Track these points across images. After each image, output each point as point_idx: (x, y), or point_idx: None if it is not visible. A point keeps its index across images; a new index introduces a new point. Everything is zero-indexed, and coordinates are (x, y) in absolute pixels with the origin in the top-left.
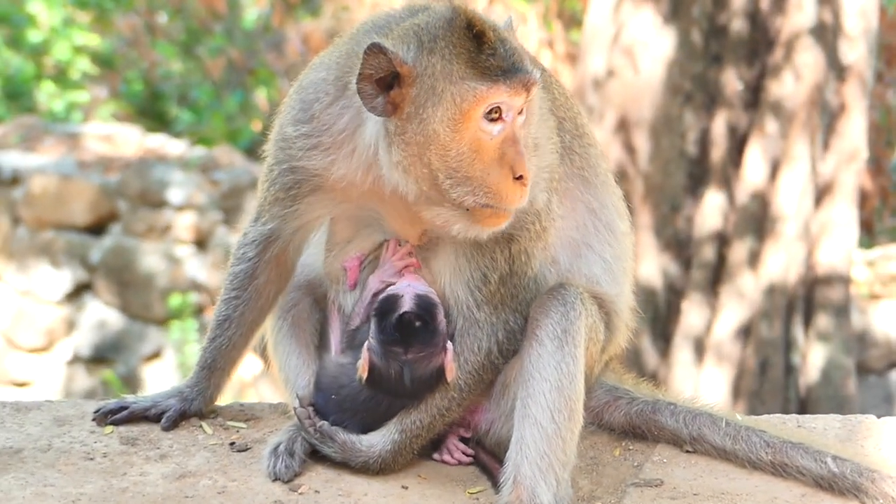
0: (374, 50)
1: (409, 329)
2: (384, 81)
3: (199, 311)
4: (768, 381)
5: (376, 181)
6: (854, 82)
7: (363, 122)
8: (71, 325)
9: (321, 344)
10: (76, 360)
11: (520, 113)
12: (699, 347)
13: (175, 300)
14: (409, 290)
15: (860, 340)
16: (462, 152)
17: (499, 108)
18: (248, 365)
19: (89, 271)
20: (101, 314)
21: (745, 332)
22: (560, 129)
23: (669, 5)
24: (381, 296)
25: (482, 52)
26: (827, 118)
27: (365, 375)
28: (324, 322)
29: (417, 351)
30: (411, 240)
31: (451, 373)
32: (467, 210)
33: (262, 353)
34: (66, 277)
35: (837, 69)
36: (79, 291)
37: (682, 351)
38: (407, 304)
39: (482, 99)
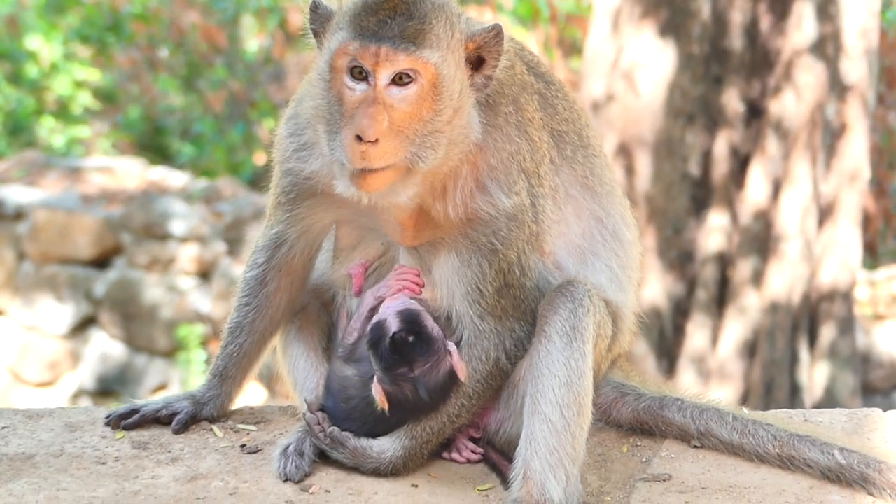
0: (312, 6)
1: (404, 347)
2: None
3: (203, 342)
4: (774, 400)
5: None
6: (855, 102)
7: None
8: (76, 359)
9: (329, 347)
10: (81, 393)
11: (403, 84)
12: (704, 367)
13: (183, 331)
14: (389, 310)
15: (864, 361)
16: (331, 103)
17: (361, 67)
18: (253, 394)
19: (94, 305)
20: (105, 347)
21: (750, 351)
22: (560, 141)
23: (669, 27)
24: (369, 327)
25: (367, 8)
26: (829, 138)
27: (387, 407)
28: (332, 326)
29: (422, 364)
30: (404, 243)
31: (463, 371)
32: (341, 167)
33: (268, 381)
34: (70, 311)
35: (838, 89)
36: (83, 325)
37: (686, 371)
38: (394, 325)
39: (337, 49)
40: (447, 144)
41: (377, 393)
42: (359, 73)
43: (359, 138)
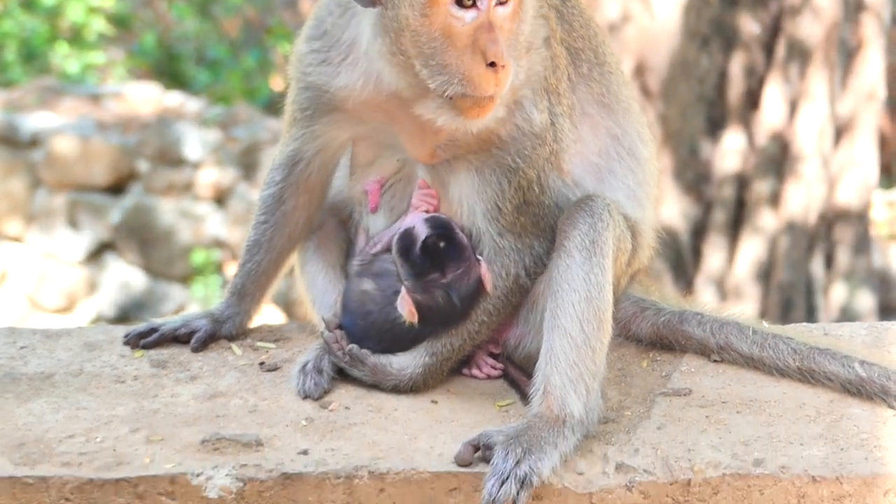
0: None
1: (436, 252)
2: None
3: (220, 267)
4: (791, 320)
5: (377, 91)
6: (871, 21)
7: (360, 23)
8: (93, 286)
9: (348, 264)
10: (99, 320)
11: (502, 3)
12: (721, 288)
13: (199, 256)
14: (417, 219)
15: (881, 281)
16: (434, 38)
17: None
18: (271, 318)
19: (110, 231)
20: (123, 274)
21: (766, 271)
22: (576, 58)
23: None
24: (396, 237)
25: None
26: (844, 58)
27: (415, 320)
28: (350, 243)
29: (454, 269)
30: (424, 160)
31: (489, 282)
32: (450, 100)
33: (286, 306)
34: (87, 238)
35: (853, 8)
36: (100, 251)
37: (704, 292)
38: (423, 231)
39: None
40: (527, 52)
41: (405, 305)
42: (469, 1)
43: (492, 65)
